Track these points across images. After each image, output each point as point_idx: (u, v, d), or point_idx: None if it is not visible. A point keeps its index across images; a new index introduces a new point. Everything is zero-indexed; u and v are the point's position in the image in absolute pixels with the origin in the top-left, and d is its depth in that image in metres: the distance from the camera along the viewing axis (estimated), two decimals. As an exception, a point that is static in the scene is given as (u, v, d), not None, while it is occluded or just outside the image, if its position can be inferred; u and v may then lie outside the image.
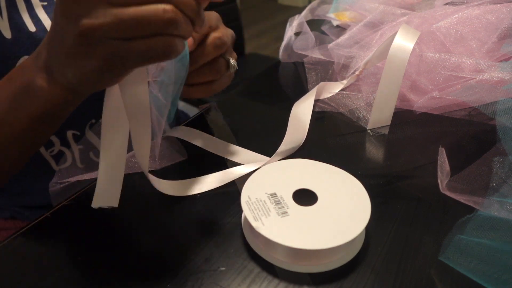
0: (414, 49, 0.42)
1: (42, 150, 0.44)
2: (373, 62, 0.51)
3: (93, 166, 0.48)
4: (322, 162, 0.34)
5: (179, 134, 0.44)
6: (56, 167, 0.46)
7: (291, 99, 0.50)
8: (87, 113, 0.45)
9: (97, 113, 0.46)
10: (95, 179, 0.38)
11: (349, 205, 0.30)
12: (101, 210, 0.34)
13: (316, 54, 0.63)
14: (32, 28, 0.38)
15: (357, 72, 0.53)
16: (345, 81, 0.53)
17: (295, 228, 0.28)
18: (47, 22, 0.39)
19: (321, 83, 0.52)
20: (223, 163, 0.40)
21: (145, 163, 0.33)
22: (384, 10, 0.59)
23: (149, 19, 0.23)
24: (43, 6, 0.39)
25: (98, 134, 0.47)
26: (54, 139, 0.44)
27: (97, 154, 0.49)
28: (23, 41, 0.38)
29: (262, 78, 0.62)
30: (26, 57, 0.38)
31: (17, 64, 0.39)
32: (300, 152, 0.42)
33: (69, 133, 0.45)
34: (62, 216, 0.34)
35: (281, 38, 0.67)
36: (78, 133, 0.46)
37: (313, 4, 0.69)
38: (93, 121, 0.47)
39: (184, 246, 0.30)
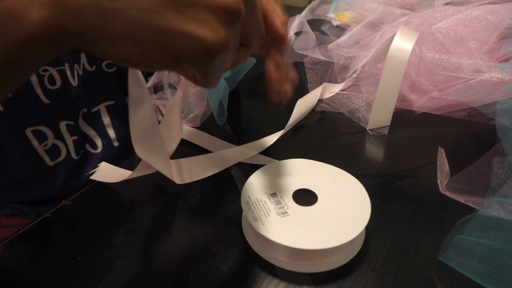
0: (414, 49, 0.42)
1: (35, 144, 0.44)
2: (370, 64, 0.52)
3: (89, 157, 0.49)
4: (322, 162, 0.34)
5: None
6: (50, 162, 0.46)
7: (291, 99, 0.50)
8: (78, 102, 0.45)
9: (88, 102, 0.47)
10: (94, 180, 0.38)
11: (349, 205, 0.30)
12: (100, 211, 0.34)
13: (316, 54, 0.63)
14: None
15: (354, 75, 0.53)
16: (343, 83, 0.54)
17: (295, 228, 0.28)
18: None
19: (323, 84, 0.52)
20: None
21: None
22: (384, 10, 0.59)
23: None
24: None
25: (90, 123, 0.47)
26: (47, 131, 0.44)
27: (93, 145, 0.49)
28: None
29: (262, 78, 0.62)
30: None
31: None
32: (300, 152, 0.42)
33: (63, 125, 0.45)
34: (62, 216, 0.34)
35: (281, 38, 0.67)
36: (72, 123, 0.46)
37: (313, 4, 0.69)
38: (85, 110, 0.46)
39: (184, 246, 0.30)
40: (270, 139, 0.42)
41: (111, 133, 0.50)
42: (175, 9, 0.18)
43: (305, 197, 0.31)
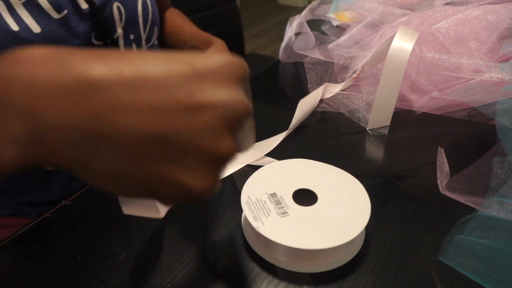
0: (414, 49, 0.42)
1: None
2: (370, 65, 0.52)
3: None
4: (322, 162, 0.34)
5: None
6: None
7: (291, 99, 0.50)
8: None
9: None
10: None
11: (349, 205, 0.30)
12: (100, 210, 0.34)
13: (316, 54, 0.63)
14: (15, 27, 0.37)
15: (354, 75, 0.53)
16: (343, 83, 0.54)
17: (295, 228, 0.28)
18: (28, 20, 0.38)
19: (324, 84, 0.52)
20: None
21: None
22: (384, 10, 0.59)
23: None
24: (23, 4, 0.38)
25: None
26: None
27: None
28: (8, 41, 0.37)
29: (262, 78, 0.62)
30: None
31: None
32: (300, 152, 0.42)
33: None
34: (62, 216, 0.34)
35: (281, 38, 0.67)
36: None
37: (313, 4, 0.69)
38: None
39: (184, 246, 0.30)
40: (276, 140, 0.42)
41: None
42: (164, 154, 0.17)
43: (305, 197, 0.31)
